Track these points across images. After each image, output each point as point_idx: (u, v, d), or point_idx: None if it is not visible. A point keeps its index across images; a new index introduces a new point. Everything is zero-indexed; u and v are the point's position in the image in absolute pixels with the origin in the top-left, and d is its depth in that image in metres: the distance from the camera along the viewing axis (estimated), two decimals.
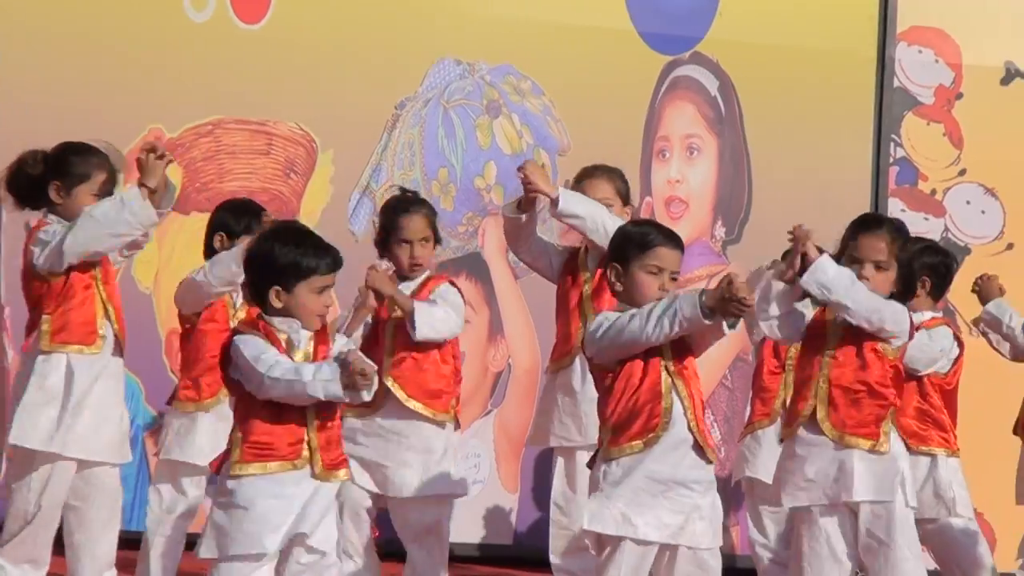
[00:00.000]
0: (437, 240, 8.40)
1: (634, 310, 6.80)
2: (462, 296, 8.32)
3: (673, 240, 6.97)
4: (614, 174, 8.70)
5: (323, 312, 6.56)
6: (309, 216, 9.79)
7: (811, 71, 11.05)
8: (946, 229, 10.87)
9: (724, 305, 6.69)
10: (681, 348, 6.89)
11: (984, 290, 8.91)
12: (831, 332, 7.45)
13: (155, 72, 10.01)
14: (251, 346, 6.38)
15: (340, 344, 6.83)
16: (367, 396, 6.50)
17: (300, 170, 10.38)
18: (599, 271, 8.00)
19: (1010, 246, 10.93)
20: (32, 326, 7.97)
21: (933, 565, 8.82)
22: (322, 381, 6.30)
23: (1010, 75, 11.23)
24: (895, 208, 10.78)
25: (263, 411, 6.41)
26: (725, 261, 10.76)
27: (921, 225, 10.48)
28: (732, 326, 6.88)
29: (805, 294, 7.38)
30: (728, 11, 10.94)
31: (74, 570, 8.19)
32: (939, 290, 8.51)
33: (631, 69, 10.75)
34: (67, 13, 10.02)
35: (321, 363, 6.44)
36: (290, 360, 6.40)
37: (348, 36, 10.42)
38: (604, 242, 7.71)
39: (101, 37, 10.01)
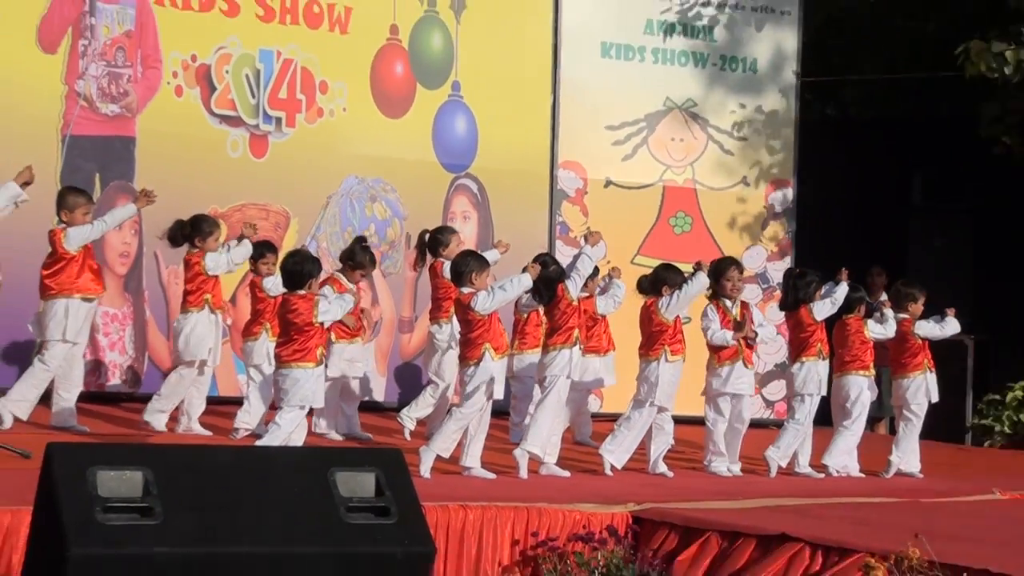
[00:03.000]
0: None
1: (494, 287, 8.47)
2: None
3: None
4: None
5: None
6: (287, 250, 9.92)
7: (519, 181, 12.85)
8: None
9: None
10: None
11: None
12: None
13: (214, 180, 11.49)
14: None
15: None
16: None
17: (282, 228, 11.79)
18: None
19: (610, 261, 10.75)
20: (192, 296, 9.51)
21: None
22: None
23: (608, 183, 13.10)
24: (560, 246, 12.60)
25: None
26: None
27: (571, 254, 11.30)
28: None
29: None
30: (482, 150, 12.63)
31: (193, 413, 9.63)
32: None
33: (435, 180, 12.42)
34: (173, 151, 11.30)
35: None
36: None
37: (306, 164, 11.87)
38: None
39: (189, 164, 11.37)
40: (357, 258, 9.90)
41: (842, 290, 9.52)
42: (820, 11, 15.07)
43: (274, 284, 9.31)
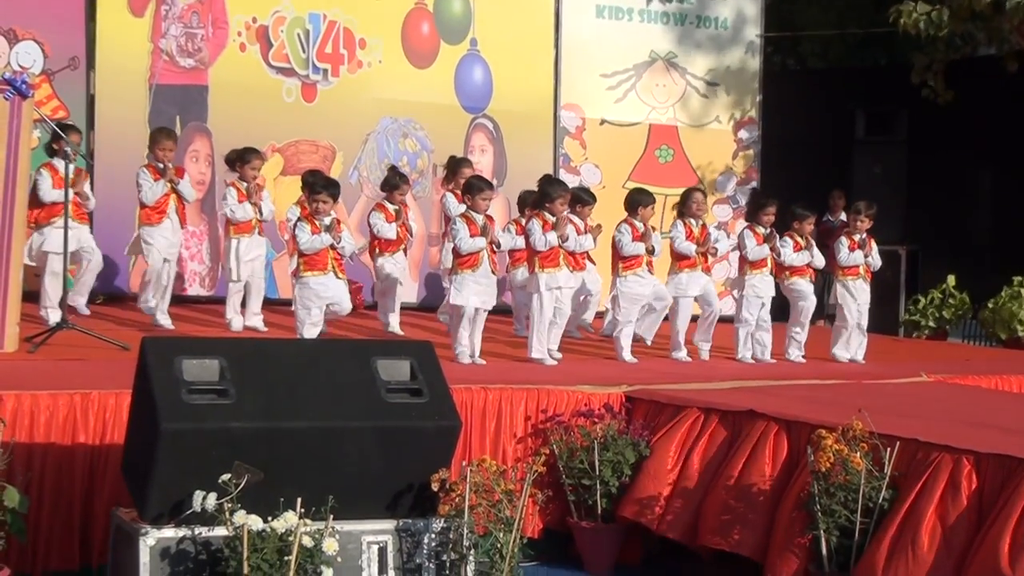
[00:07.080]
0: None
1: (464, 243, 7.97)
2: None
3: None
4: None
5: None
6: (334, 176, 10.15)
7: (528, 120, 12.53)
8: (582, 180, 12.14)
9: None
10: None
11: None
12: None
13: (272, 121, 11.33)
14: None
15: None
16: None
17: (329, 160, 11.65)
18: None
19: (605, 186, 12.18)
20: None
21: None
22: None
23: (603, 122, 12.85)
24: (563, 174, 12.18)
25: None
26: None
27: (575, 180, 11.91)
28: None
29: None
30: (496, 95, 12.38)
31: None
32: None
33: (458, 120, 12.21)
34: (239, 97, 11.08)
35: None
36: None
37: (348, 107, 11.66)
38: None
39: (252, 108, 11.16)
40: (393, 182, 9.59)
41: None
42: None
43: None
